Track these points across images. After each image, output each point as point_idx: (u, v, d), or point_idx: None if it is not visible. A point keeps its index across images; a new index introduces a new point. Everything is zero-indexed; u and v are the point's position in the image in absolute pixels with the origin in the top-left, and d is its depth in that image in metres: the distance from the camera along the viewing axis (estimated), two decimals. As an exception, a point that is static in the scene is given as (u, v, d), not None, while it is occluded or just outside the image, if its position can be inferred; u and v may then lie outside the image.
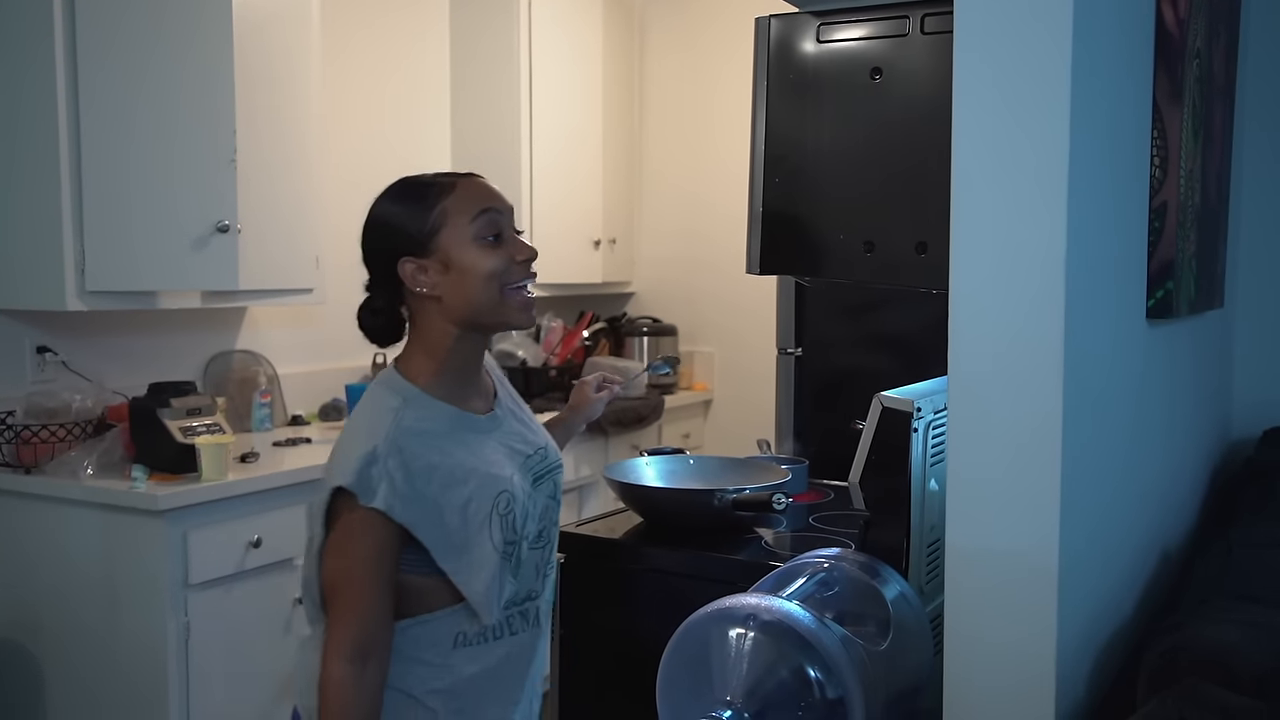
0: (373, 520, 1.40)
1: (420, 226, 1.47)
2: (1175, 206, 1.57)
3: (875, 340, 2.47)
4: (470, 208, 1.47)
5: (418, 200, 1.48)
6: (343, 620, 1.41)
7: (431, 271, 1.47)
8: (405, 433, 1.44)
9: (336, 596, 1.43)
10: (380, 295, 1.53)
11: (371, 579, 1.42)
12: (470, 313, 1.48)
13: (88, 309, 2.62)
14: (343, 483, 1.40)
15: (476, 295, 1.47)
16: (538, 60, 3.95)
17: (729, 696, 1.11)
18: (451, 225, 1.46)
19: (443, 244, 1.46)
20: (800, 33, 1.60)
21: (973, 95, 1.16)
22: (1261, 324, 2.56)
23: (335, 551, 1.43)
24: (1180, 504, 1.91)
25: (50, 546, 2.58)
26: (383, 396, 1.49)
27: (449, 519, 1.44)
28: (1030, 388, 1.14)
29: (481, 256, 1.46)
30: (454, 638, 1.48)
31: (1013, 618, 1.16)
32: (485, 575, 1.46)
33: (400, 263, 1.47)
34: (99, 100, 2.59)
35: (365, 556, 1.42)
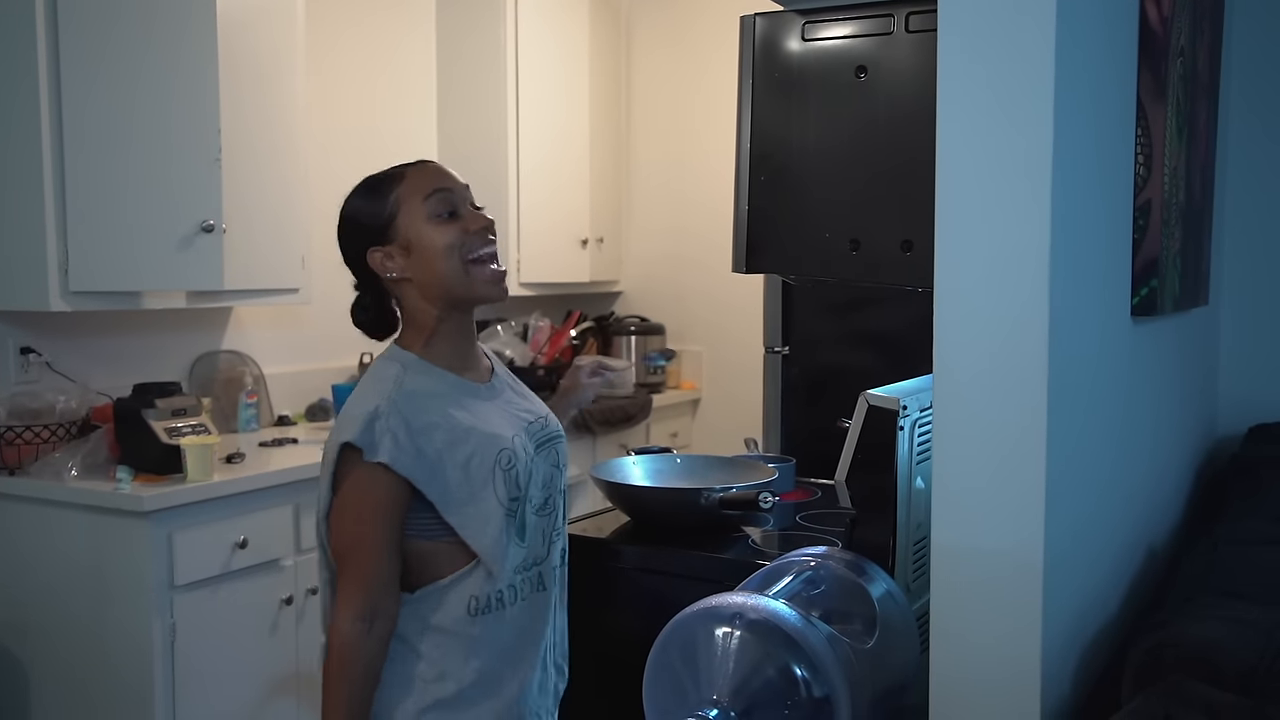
0: (378, 476, 1.47)
1: (379, 216, 1.55)
2: (1159, 204, 1.58)
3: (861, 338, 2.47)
4: (422, 189, 1.55)
5: (375, 192, 1.57)
6: (352, 580, 1.47)
7: (396, 256, 1.55)
8: (407, 394, 1.51)
9: (346, 557, 1.48)
10: (366, 291, 1.62)
11: (379, 539, 1.48)
12: (441, 289, 1.55)
13: (72, 309, 2.61)
14: (348, 438, 1.47)
15: (441, 270, 1.54)
16: (524, 59, 3.95)
17: (715, 695, 1.11)
18: (406, 209, 1.55)
19: (401, 228, 1.54)
20: (785, 31, 1.60)
21: (957, 93, 1.16)
22: (1246, 321, 2.57)
23: (343, 512, 1.49)
24: (1166, 501, 1.92)
25: (35, 548, 2.56)
26: (384, 365, 1.56)
27: (451, 474, 1.50)
28: (1015, 385, 1.14)
29: (437, 232, 1.54)
30: (468, 604, 1.53)
31: (998, 615, 1.16)
32: (492, 529, 1.52)
33: (368, 254, 1.56)
34: (82, 99, 2.57)
35: (372, 515, 1.48)
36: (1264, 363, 2.56)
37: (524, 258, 3.97)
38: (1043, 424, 1.13)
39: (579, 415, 3.69)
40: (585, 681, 1.86)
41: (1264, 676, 1.12)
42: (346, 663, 1.46)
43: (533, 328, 4.20)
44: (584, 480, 3.77)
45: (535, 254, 4.03)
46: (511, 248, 3.94)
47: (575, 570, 1.87)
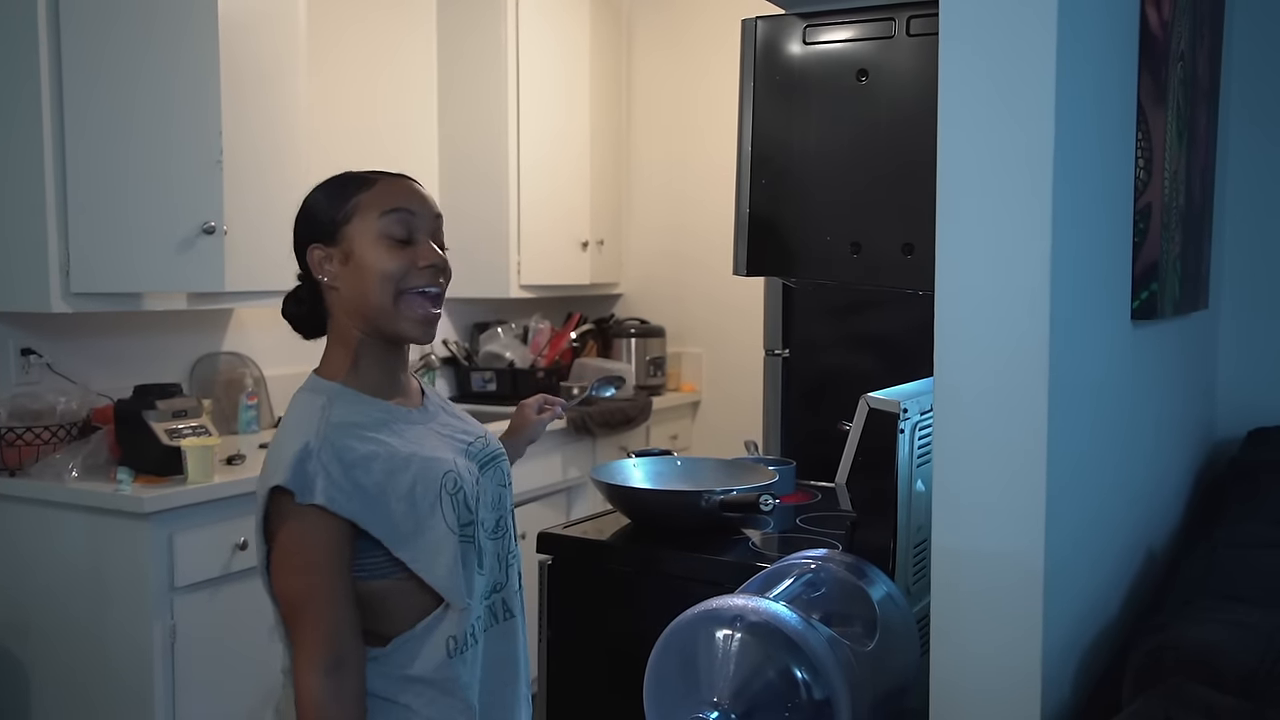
0: (315, 519, 1.35)
1: (333, 215, 1.45)
2: (1160, 208, 1.58)
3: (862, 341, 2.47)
4: (382, 203, 1.44)
5: (339, 190, 1.47)
6: (311, 632, 1.37)
7: (335, 261, 1.45)
8: (335, 427, 1.40)
9: (298, 611, 1.38)
10: (305, 285, 1.51)
11: (331, 586, 1.37)
12: (365, 312, 1.44)
13: (72, 311, 2.61)
14: (279, 480, 1.35)
15: (370, 294, 1.43)
16: (525, 61, 3.95)
17: (716, 698, 1.11)
18: (360, 218, 1.44)
19: (349, 235, 1.44)
20: (786, 34, 1.60)
21: (958, 96, 1.16)
22: (1245, 325, 2.57)
23: (285, 562, 1.38)
24: (1165, 504, 1.92)
25: (35, 549, 2.56)
26: (306, 400, 1.45)
27: (394, 506, 1.40)
28: (1016, 389, 1.14)
29: (381, 255, 1.43)
30: (447, 646, 1.44)
31: (999, 618, 1.16)
32: (445, 559, 1.42)
33: (309, 249, 1.46)
34: (83, 100, 2.58)
35: (317, 561, 1.37)
36: (1263, 366, 2.57)
37: (524, 260, 3.98)
38: (1044, 427, 1.13)
39: (578, 417, 3.70)
40: (586, 684, 1.86)
41: (1264, 680, 1.13)
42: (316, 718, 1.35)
43: (533, 330, 4.20)
44: (584, 482, 3.77)
45: (535, 256, 4.03)
46: (511, 250, 3.95)
47: (575, 572, 1.87)
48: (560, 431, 3.67)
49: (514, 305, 4.25)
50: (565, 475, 3.74)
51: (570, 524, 2.00)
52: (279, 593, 1.41)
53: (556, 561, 1.87)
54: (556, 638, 1.86)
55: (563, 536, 1.90)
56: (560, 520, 2.12)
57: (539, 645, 1.87)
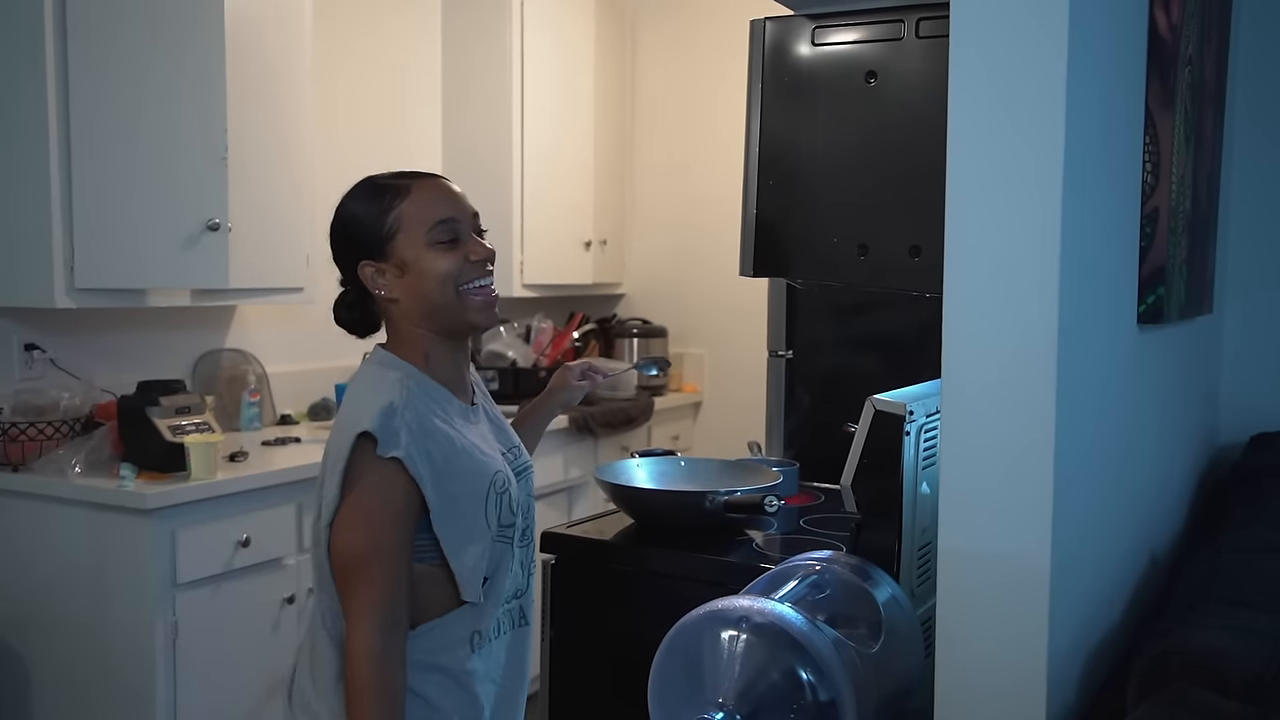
0: (393, 473, 1.39)
1: (377, 231, 1.48)
2: (1167, 212, 1.58)
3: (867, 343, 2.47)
4: (428, 217, 1.48)
5: (376, 203, 1.49)
6: (371, 589, 1.37)
7: (389, 275, 1.48)
8: (414, 394, 1.45)
9: (361, 565, 1.38)
10: (352, 292, 1.55)
11: (397, 543, 1.40)
12: (429, 315, 1.49)
13: (76, 306, 2.61)
14: (367, 427, 1.38)
15: (433, 298, 1.47)
16: (530, 61, 3.95)
17: (721, 699, 1.11)
18: (406, 232, 1.47)
19: (399, 248, 1.47)
20: (795, 36, 1.60)
21: (967, 99, 1.16)
22: (1249, 329, 2.57)
23: (355, 513, 1.39)
24: (1168, 508, 1.92)
25: (38, 545, 2.56)
26: (381, 370, 1.49)
27: (453, 486, 1.43)
28: (1024, 391, 1.14)
29: (436, 259, 1.47)
30: (471, 640, 1.47)
31: (1004, 621, 1.16)
32: (475, 550, 1.45)
33: (360, 266, 1.49)
34: (89, 97, 2.57)
35: (387, 516, 1.39)
36: (1266, 371, 2.57)
37: (527, 259, 3.98)
38: (1050, 430, 1.13)
39: (580, 417, 3.70)
40: (590, 684, 1.86)
41: (1270, 685, 1.13)
42: (377, 680, 1.36)
43: (535, 329, 4.20)
44: (587, 481, 3.77)
45: (538, 255, 4.03)
46: (515, 249, 3.95)
47: (578, 572, 1.87)
48: (562, 431, 3.67)
49: (516, 304, 4.25)
50: (567, 475, 3.73)
51: (573, 524, 2.00)
52: (343, 546, 1.40)
53: (560, 561, 1.87)
54: (560, 637, 1.86)
55: (566, 536, 1.90)
56: (562, 520, 2.12)
57: (542, 645, 1.87)
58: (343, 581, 1.41)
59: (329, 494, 1.42)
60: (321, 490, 1.44)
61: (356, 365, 3.51)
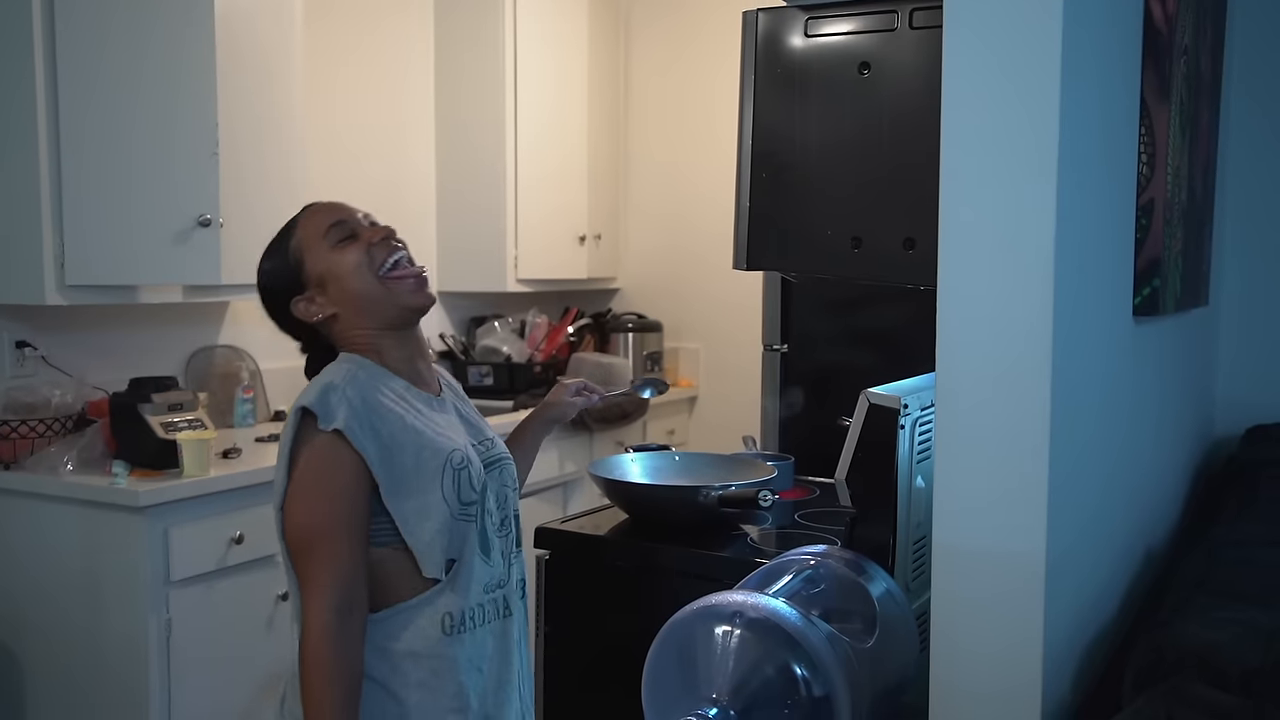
0: (336, 446, 1.40)
1: (286, 269, 1.55)
2: (1162, 204, 1.57)
3: (862, 336, 2.46)
4: (319, 228, 1.55)
5: (277, 251, 1.58)
6: (324, 570, 1.38)
7: (316, 298, 1.54)
8: (359, 378, 1.48)
9: (313, 544, 1.40)
10: (306, 344, 1.62)
11: (347, 519, 1.40)
12: (366, 313, 1.53)
13: (67, 303, 2.60)
14: (305, 402, 1.42)
15: (360, 294, 1.52)
16: (523, 55, 3.94)
17: (715, 694, 1.10)
18: (309, 252, 1.54)
19: (310, 269, 1.54)
20: (788, 27, 1.59)
21: (962, 90, 1.15)
22: (1245, 322, 2.57)
23: (303, 491, 1.42)
24: (1164, 501, 1.91)
25: (30, 543, 2.55)
26: (334, 365, 1.53)
27: (400, 458, 1.44)
28: (1018, 385, 1.13)
29: (343, 258, 1.53)
30: (442, 622, 1.46)
31: (999, 615, 1.16)
32: (432, 526, 1.45)
33: (293, 306, 1.55)
34: (79, 91, 2.56)
35: (335, 491, 1.40)
36: (1262, 364, 2.56)
37: (521, 254, 3.97)
38: (1045, 423, 1.12)
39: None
40: (584, 679, 1.85)
41: (1266, 678, 1.12)
42: (331, 660, 1.35)
43: (529, 324, 4.19)
44: (581, 477, 3.77)
45: (532, 250, 4.02)
46: (509, 244, 3.94)
47: (572, 568, 1.86)
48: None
49: (511, 299, 4.24)
50: (562, 470, 3.73)
51: (567, 519, 1.99)
52: (294, 527, 1.42)
53: (554, 556, 1.87)
54: (554, 633, 1.86)
55: (560, 531, 1.89)
56: (557, 515, 2.11)
57: (536, 640, 1.87)
58: (297, 563, 1.42)
59: (279, 475, 1.45)
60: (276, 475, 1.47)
61: (350, 361, 3.51)
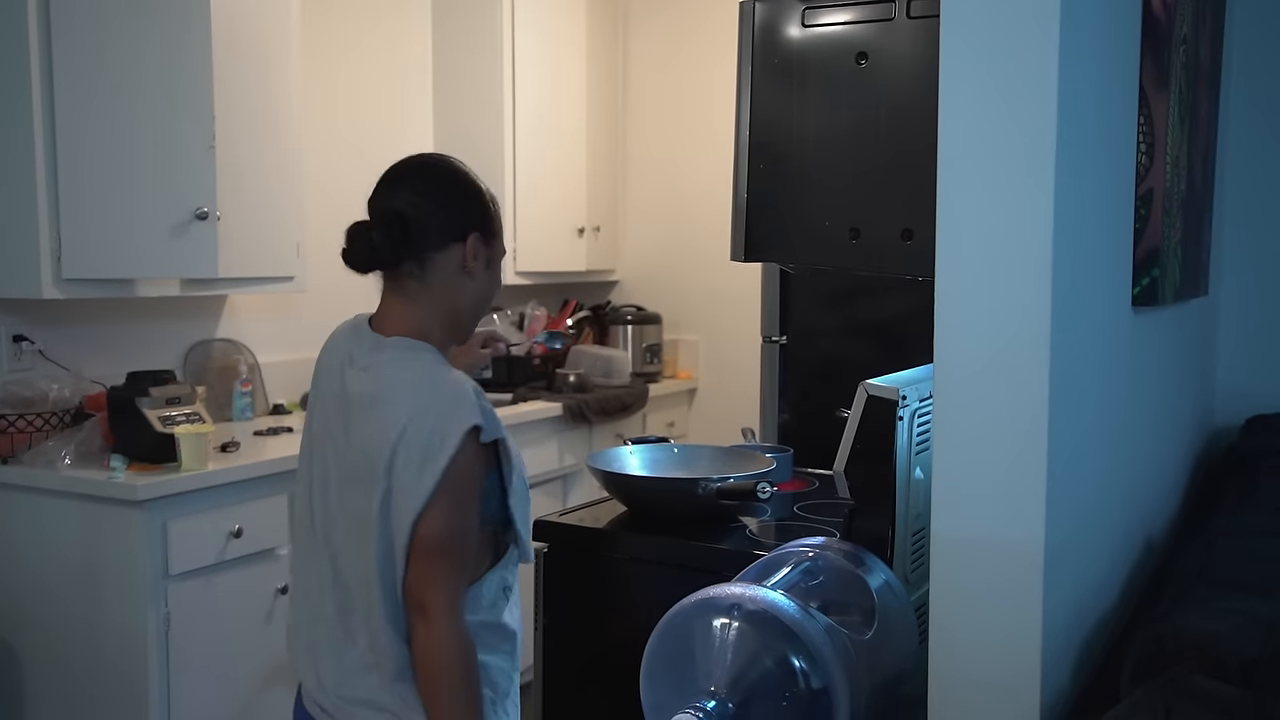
0: (486, 458, 1.45)
1: (492, 221, 1.58)
2: (1161, 193, 1.57)
3: (860, 328, 2.46)
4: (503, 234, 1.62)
5: (490, 199, 1.59)
6: (455, 572, 1.41)
7: (482, 259, 1.55)
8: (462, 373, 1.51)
9: (451, 549, 1.41)
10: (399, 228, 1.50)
11: (476, 524, 1.46)
12: (471, 310, 1.57)
13: (64, 297, 2.59)
14: (475, 420, 1.40)
15: (482, 308, 1.59)
16: (521, 46, 3.93)
17: (713, 686, 1.10)
18: (499, 237, 1.60)
19: (495, 247, 1.59)
20: (785, 17, 1.58)
21: (959, 80, 1.14)
22: (1245, 312, 2.56)
23: (452, 506, 1.40)
24: (1163, 492, 1.91)
25: (28, 537, 2.55)
26: (416, 356, 1.49)
27: (515, 460, 1.52)
28: (1017, 375, 1.13)
29: (499, 276, 1.61)
30: (502, 593, 1.55)
31: (998, 607, 1.15)
32: (529, 511, 1.56)
33: (471, 235, 1.53)
34: (75, 86, 2.55)
35: (474, 499, 1.44)
36: (1262, 354, 2.56)
37: (520, 247, 3.96)
38: (1044, 414, 1.12)
39: (574, 405, 3.69)
40: (582, 672, 1.85)
41: (1265, 668, 1.12)
42: (474, 668, 1.42)
43: (529, 317, 4.19)
44: (580, 469, 3.76)
45: (531, 243, 4.01)
46: (508, 237, 3.91)
47: (571, 560, 1.86)
48: (556, 419, 3.66)
49: (510, 292, 4.23)
50: (561, 462, 3.73)
51: (566, 511, 1.99)
52: (440, 535, 1.40)
53: (553, 549, 1.87)
54: (552, 625, 1.86)
55: (559, 524, 1.89)
56: (556, 508, 2.11)
57: (535, 633, 1.87)
58: (426, 569, 1.41)
59: (421, 482, 1.39)
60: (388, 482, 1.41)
61: (349, 354, 3.50)
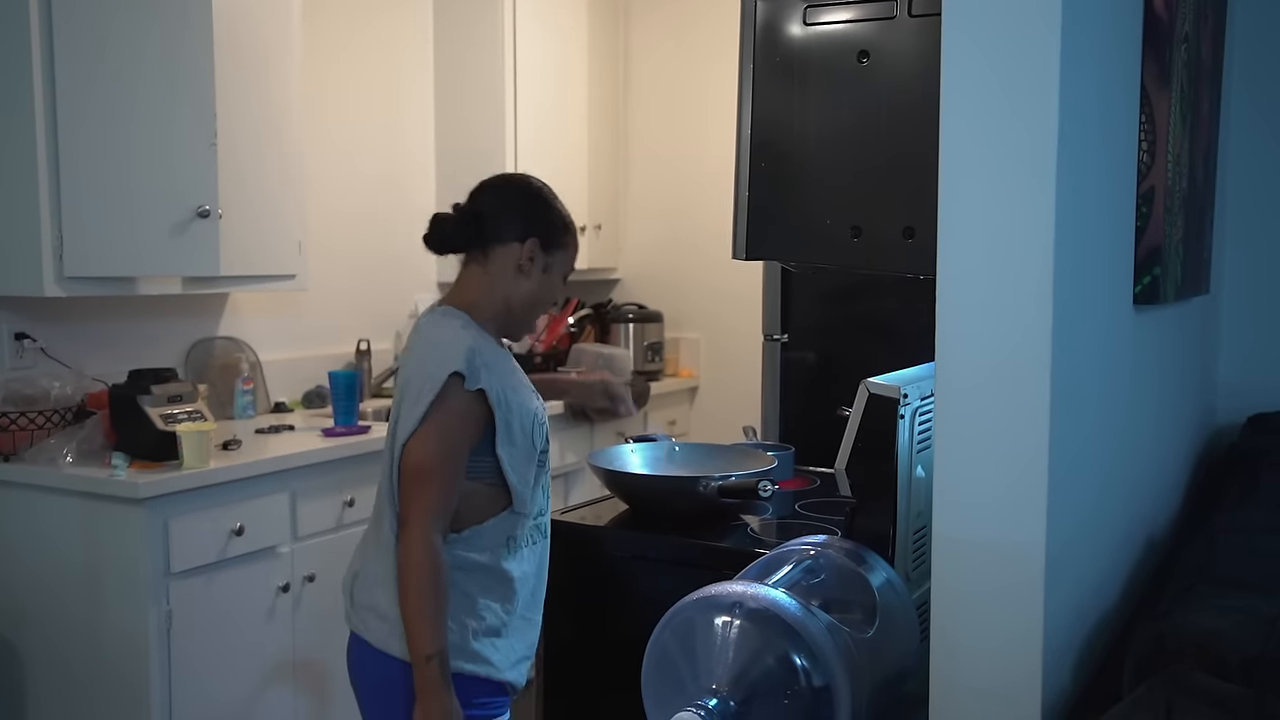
0: (476, 404, 1.66)
1: (557, 233, 1.79)
2: (1163, 192, 1.57)
3: (862, 326, 2.46)
4: (571, 261, 1.83)
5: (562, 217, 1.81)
6: (431, 497, 1.63)
7: (537, 263, 1.76)
8: (478, 339, 1.70)
9: (428, 476, 1.63)
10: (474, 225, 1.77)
11: (460, 462, 1.66)
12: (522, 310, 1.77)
13: (66, 295, 2.59)
14: (457, 367, 1.64)
15: (536, 308, 1.79)
16: (522, 44, 3.92)
17: (715, 685, 1.10)
18: (562, 255, 1.80)
19: (553, 257, 1.78)
20: (787, 15, 1.58)
21: (961, 78, 1.14)
22: (1246, 310, 2.56)
23: (433, 433, 1.64)
24: (1165, 490, 1.91)
25: (30, 535, 2.55)
26: (445, 320, 1.72)
27: (512, 417, 1.70)
28: (1018, 374, 1.13)
29: (557, 287, 1.81)
30: (506, 543, 1.72)
31: (999, 605, 1.15)
32: (527, 471, 1.73)
33: (530, 238, 1.75)
34: (77, 83, 2.55)
35: (461, 440, 1.65)
36: (1263, 352, 2.56)
37: (521, 244, 3.95)
38: (1045, 413, 1.12)
39: (576, 403, 3.69)
40: (584, 670, 1.85)
41: (1266, 666, 1.12)
42: (435, 571, 1.60)
43: (530, 315, 4.19)
44: (582, 468, 3.77)
45: (533, 241, 4.01)
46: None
47: (573, 558, 1.86)
48: (557, 416, 3.66)
49: (511, 290, 4.23)
50: (563, 460, 3.73)
51: (568, 509, 1.99)
52: (419, 458, 1.64)
53: (554, 547, 1.86)
54: (554, 623, 1.86)
55: (561, 522, 1.89)
56: (558, 506, 2.11)
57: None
58: (409, 488, 1.64)
59: (411, 414, 1.65)
60: (398, 415, 1.68)
61: (350, 353, 3.51)
